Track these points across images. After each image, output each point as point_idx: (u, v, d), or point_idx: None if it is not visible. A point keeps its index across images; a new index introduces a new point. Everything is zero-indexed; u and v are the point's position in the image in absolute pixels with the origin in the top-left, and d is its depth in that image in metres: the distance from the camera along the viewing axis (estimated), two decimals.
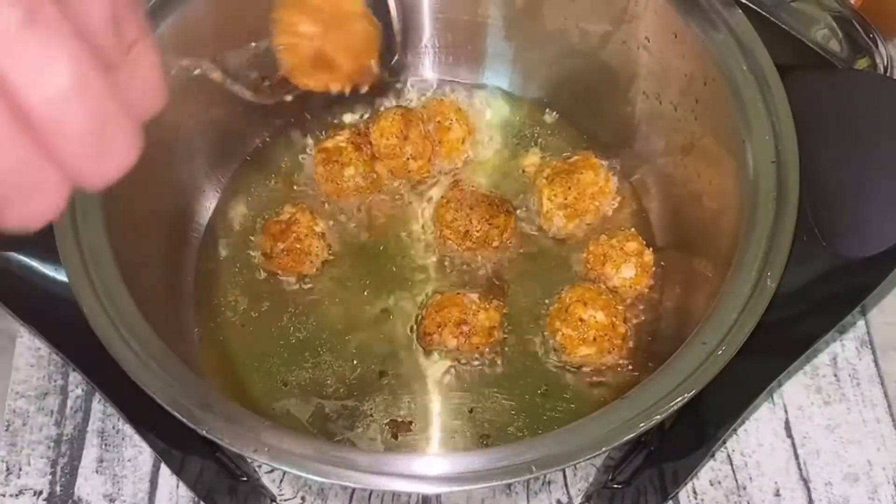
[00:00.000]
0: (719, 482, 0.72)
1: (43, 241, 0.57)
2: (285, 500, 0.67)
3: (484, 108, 0.84)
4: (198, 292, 0.74)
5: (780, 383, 0.76)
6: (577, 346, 0.69)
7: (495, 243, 0.75)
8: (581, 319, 0.68)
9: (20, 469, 0.71)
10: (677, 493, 0.70)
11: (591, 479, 0.66)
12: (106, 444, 0.72)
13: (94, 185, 0.28)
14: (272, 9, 0.50)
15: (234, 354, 0.72)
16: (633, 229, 0.75)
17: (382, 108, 0.82)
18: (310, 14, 0.50)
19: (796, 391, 0.76)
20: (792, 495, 0.71)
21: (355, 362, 0.71)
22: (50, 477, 0.71)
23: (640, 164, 0.78)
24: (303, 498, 0.65)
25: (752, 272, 0.55)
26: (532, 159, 0.81)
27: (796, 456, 0.73)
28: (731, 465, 0.72)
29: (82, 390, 0.75)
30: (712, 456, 0.72)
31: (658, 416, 0.50)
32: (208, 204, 0.78)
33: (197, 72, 0.45)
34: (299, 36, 0.50)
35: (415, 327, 0.72)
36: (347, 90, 0.53)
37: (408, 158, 0.77)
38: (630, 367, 0.70)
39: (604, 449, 0.49)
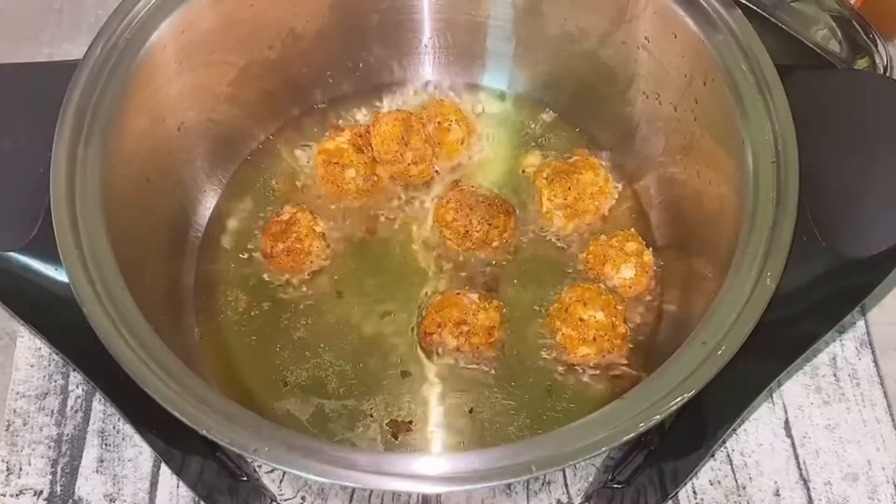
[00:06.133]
0: (719, 482, 0.72)
1: (43, 241, 0.57)
2: (285, 500, 0.67)
3: (484, 109, 0.84)
4: (198, 292, 0.75)
5: (779, 383, 0.76)
6: (576, 346, 0.69)
7: (495, 243, 0.75)
8: (581, 319, 0.68)
9: (20, 469, 0.71)
10: (677, 492, 0.70)
11: (591, 479, 0.66)
12: (106, 444, 0.72)
13: None
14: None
15: (234, 354, 0.72)
16: (633, 229, 0.75)
17: (383, 111, 0.82)
18: None
19: (796, 391, 0.76)
20: (791, 495, 0.71)
21: (355, 362, 0.71)
22: (50, 477, 0.71)
23: (640, 164, 0.78)
24: (303, 498, 0.65)
25: (752, 272, 0.55)
26: (532, 160, 0.81)
27: (796, 456, 0.73)
28: (731, 464, 0.72)
29: (82, 390, 0.75)
30: (712, 456, 0.72)
31: (658, 416, 0.50)
32: (208, 204, 0.78)
33: None
34: None
35: (415, 327, 0.72)
36: None
37: (409, 164, 0.77)
38: (630, 367, 0.70)
39: (604, 449, 0.49)
